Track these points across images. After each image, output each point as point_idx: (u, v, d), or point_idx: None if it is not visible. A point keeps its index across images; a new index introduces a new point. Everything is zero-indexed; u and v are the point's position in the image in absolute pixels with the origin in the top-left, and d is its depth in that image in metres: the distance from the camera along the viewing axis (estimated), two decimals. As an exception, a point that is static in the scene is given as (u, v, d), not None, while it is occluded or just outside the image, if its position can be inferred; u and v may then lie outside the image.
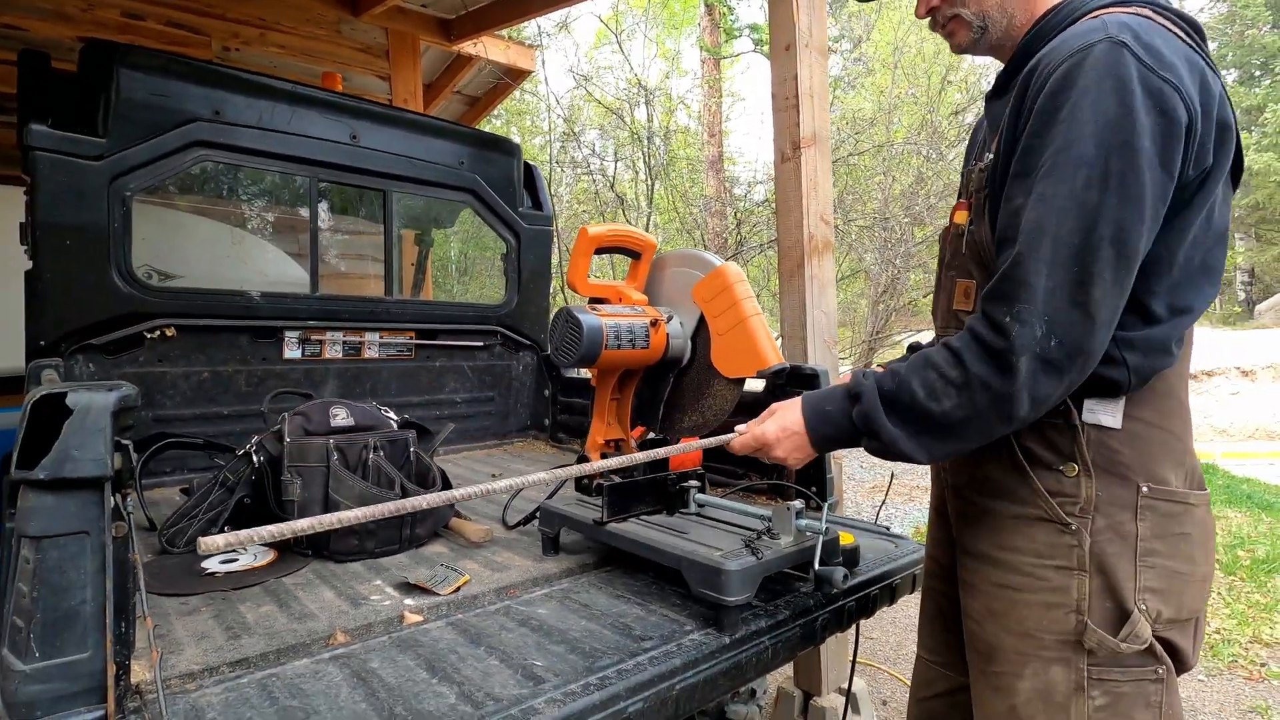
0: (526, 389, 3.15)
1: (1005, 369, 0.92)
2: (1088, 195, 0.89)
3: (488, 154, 2.98)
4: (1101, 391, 0.99)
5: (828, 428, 1.09)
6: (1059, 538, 1.01)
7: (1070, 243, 0.90)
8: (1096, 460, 1.00)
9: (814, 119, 2.48)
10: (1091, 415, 1.01)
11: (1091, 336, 0.90)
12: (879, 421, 1.01)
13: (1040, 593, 1.02)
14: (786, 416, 1.13)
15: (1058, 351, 0.90)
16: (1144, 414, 1.01)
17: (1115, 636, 0.98)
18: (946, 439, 0.99)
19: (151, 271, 2.89)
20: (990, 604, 1.09)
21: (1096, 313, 0.90)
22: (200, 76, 2.25)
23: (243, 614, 1.24)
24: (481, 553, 1.60)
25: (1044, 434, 1.04)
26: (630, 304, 1.64)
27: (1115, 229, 0.88)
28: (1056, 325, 0.90)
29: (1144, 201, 0.88)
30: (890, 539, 1.74)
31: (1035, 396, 0.93)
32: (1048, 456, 1.03)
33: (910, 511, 5.71)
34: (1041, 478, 1.04)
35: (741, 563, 1.18)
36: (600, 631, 1.18)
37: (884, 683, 3.05)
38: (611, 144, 9.53)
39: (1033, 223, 0.93)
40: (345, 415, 1.70)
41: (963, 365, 0.95)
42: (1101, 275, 0.89)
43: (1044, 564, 1.02)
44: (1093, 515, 1.00)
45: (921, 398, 0.98)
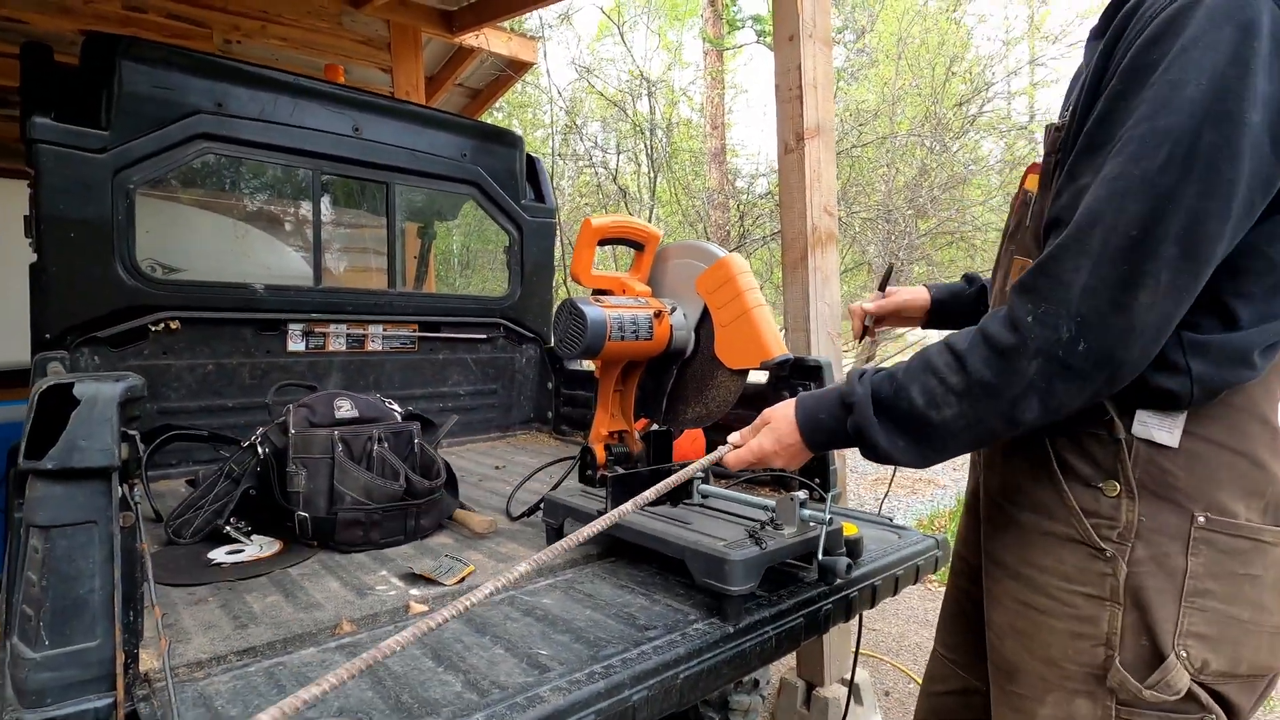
0: (530, 381, 3.15)
1: (1009, 371, 0.81)
2: (1163, 178, 0.73)
3: (490, 146, 2.97)
4: (1157, 403, 0.85)
5: (822, 435, 1.01)
6: (1091, 563, 0.90)
7: (1127, 235, 0.75)
8: (1144, 481, 0.87)
9: (818, 110, 2.47)
10: (1143, 429, 0.87)
11: (1127, 346, 0.76)
12: (874, 433, 0.92)
13: (1067, 620, 0.92)
14: (781, 427, 1.05)
15: (1083, 358, 0.77)
16: (1211, 432, 0.86)
17: (1143, 681, 0.86)
18: (947, 447, 0.90)
19: (156, 265, 2.90)
20: (1014, 621, 0.99)
21: (1138, 320, 0.75)
22: (203, 69, 2.25)
23: (249, 604, 1.24)
24: (486, 544, 1.61)
25: (1083, 444, 0.92)
26: (634, 295, 1.64)
27: (1187, 223, 0.73)
28: (1088, 328, 0.77)
29: (1235, 191, 0.72)
30: (894, 530, 1.74)
31: (1048, 404, 0.81)
32: (1086, 471, 0.91)
33: (913, 504, 5.72)
34: (1077, 494, 0.91)
35: (745, 553, 1.18)
36: (605, 621, 1.19)
37: (886, 674, 3.06)
38: (614, 137, 9.51)
39: (1090, 208, 0.79)
40: (350, 407, 1.70)
41: (965, 371, 0.84)
42: (1155, 276, 0.74)
43: (1073, 589, 0.91)
44: (1133, 543, 0.87)
45: (921, 406, 0.88)
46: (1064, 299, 0.78)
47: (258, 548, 1.53)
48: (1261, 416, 0.88)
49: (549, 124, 8.93)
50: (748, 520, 1.38)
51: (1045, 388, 0.80)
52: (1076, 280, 0.78)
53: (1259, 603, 0.86)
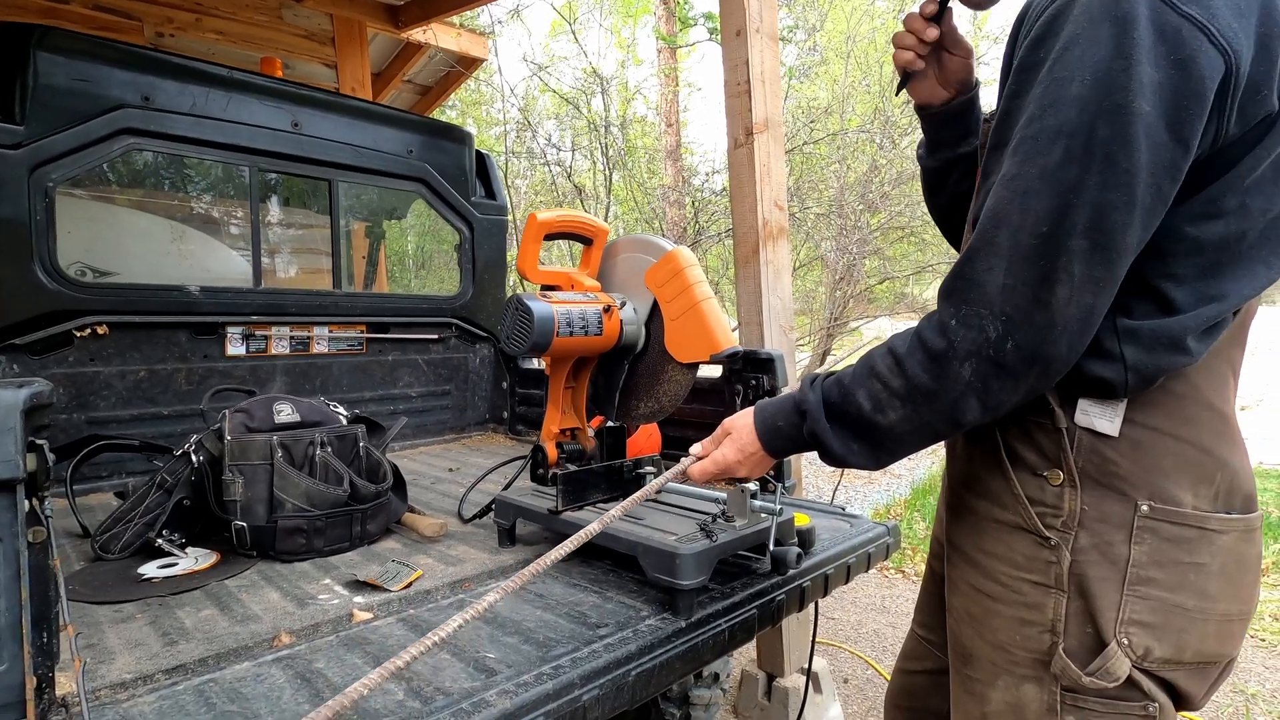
0: (484, 381, 3.10)
1: (943, 375, 0.82)
2: (1064, 174, 0.75)
3: (438, 142, 2.91)
4: (1095, 391, 0.86)
5: (781, 441, 1.02)
6: (1038, 551, 0.91)
7: (1037, 232, 0.76)
8: (1087, 470, 0.88)
9: (766, 104, 2.49)
10: (1084, 418, 0.87)
11: (1054, 342, 0.77)
12: (828, 438, 0.93)
13: (1015, 606, 0.93)
14: (742, 437, 1.05)
15: (1014, 356, 0.78)
16: (1154, 420, 0.86)
17: (1084, 668, 0.87)
18: (897, 449, 0.91)
19: (86, 269, 2.76)
20: (968, 606, 1.00)
21: (1060, 315, 0.76)
22: (127, 61, 2.15)
23: (180, 619, 1.19)
24: (436, 547, 1.57)
25: (1029, 433, 0.92)
26: (583, 290, 1.62)
27: (1093, 215, 0.74)
28: (1014, 326, 0.78)
29: (1136, 180, 0.73)
30: (846, 519, 1.76)
31: (986, 403, 0.83)
32: (1031, 459, 0.92)
33: (870, 494, 5.83)
34: (1024, 482, 0.92)
35: (696, 546, 1.17)
36: (555, 621, 1.16)
37: (845, 662, 3.10)
38: (569, 134, 9.45)
39: (993, 209, 0.80)
40: (290, 411, 1.64)
41: (904, 374, 0.85)
42: (1068, 271, 0.75)
43: (1021, 577, 0.92)
44: (1076, 531, 0.88)
45: (868, 411, 0.89)
46: (983, 299, 0.79)
47: (192, 560, 1.46)
48: (1206, 402, 0.87)
49: (502, 122, 8.82)
50: (700, 514, 1.37)
51: (982, 388, 0.81)
52: (991, 280, 0.79)
53: (1204, 591, 0.86)
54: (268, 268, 2.51)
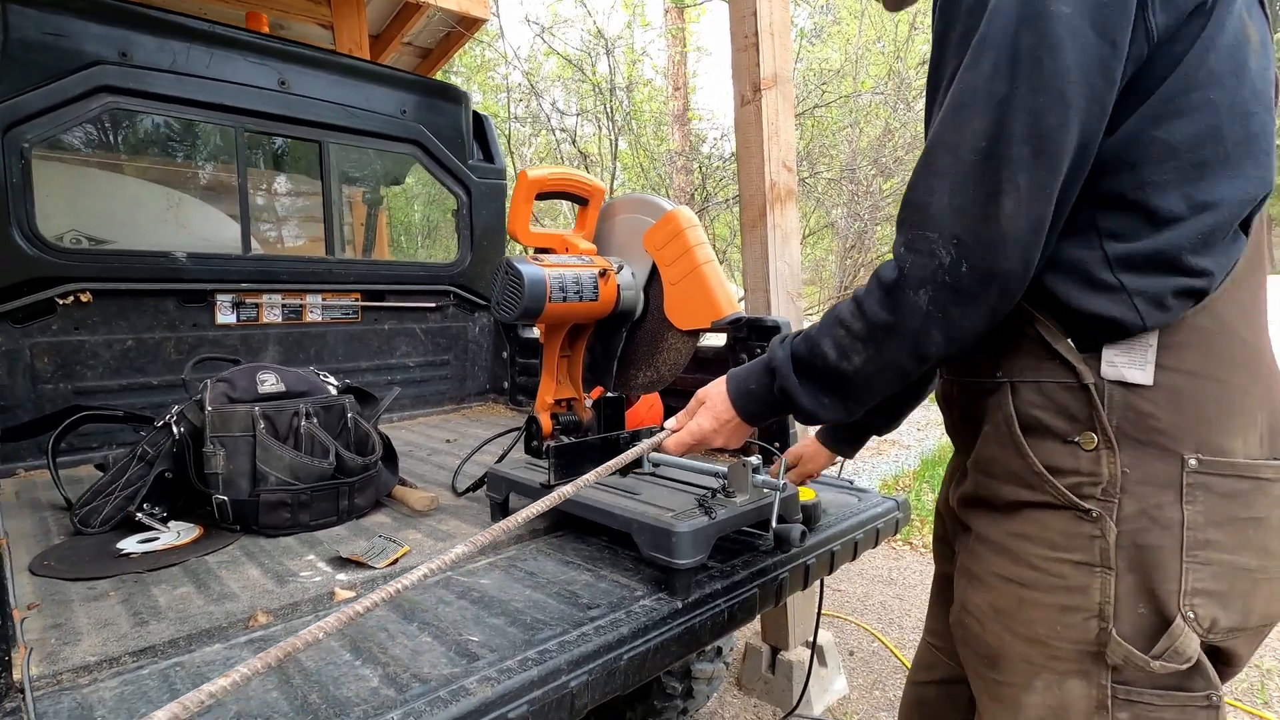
0: (483, 351, 3.03)
1: (898, 306, 0.80)
2: (994, 86, 0.73)
3: (433, 102, 2.80)
4: (1112, 334, 0.79)
5: (755, 405, 0.98)
6: (1077, 526, 0.82)
7: (975, 147, 0.74)
8: (1123, 428, 0.79)
9: (775, 59, 2.36)
10: (1112, 369, 0.80)
11: (1007, 256, 0.75)
12: (798, 394, 0.90)
13: (1054, 593, 0.83)
14: (716, 405, 1.02)
15: (969, 279, 0.76)
16: (1188, 362, 0.78)
17: (1148, 652, 0.78)
18: (865, 394, 0.88)
19: (81, 237, 2.69)
20: (995, 600, 0.89)
21: (1009, 228, 0.74)
22: (103, 14, 2.05)
23: (155, 597, 1.13)
24: (426, 522, 1.51)
25: (1053, 397, 0.83)
26: (577, 254, 1.53)
27: (1029, 121, 0.72)
28: (965, 247, 0.75)
29: (1066, 82, 0.71)
30: (854, 493, 1.69)
31: (950, 333, 0.79)
32: (1058, 425, 0.83)
33: (879, 465, 5.77)
34: (1051, 453, 0.84)
35: (693, 523, 1.10)
36: (545, 601, 1.11)
37: (851, 634, 3.07)
38: (574, 99, 9.23)
39: (934, 134, 0.79)
40: (274, 381, 1.58)
41: (864, 314, 0.84)
42: (1013, 181, 0.73)
43: (1059, 558, 0.83)
44: (1119, 498, 0.79)
45: (834, 360, 0.87)
46: (929, 222, 0.77)
47: (174, 535, 1.41)
48: (1239, 337, 0.80)
49: (504, 86, 8.62)
50: (700, 488, 1.31)
51: (942, 316, 0.78)
52: (934, 202, 0.77)
53: (1266, 547, 0.79)
54: (268, 236, 2.43)
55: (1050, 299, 0.81)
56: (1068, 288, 0.80)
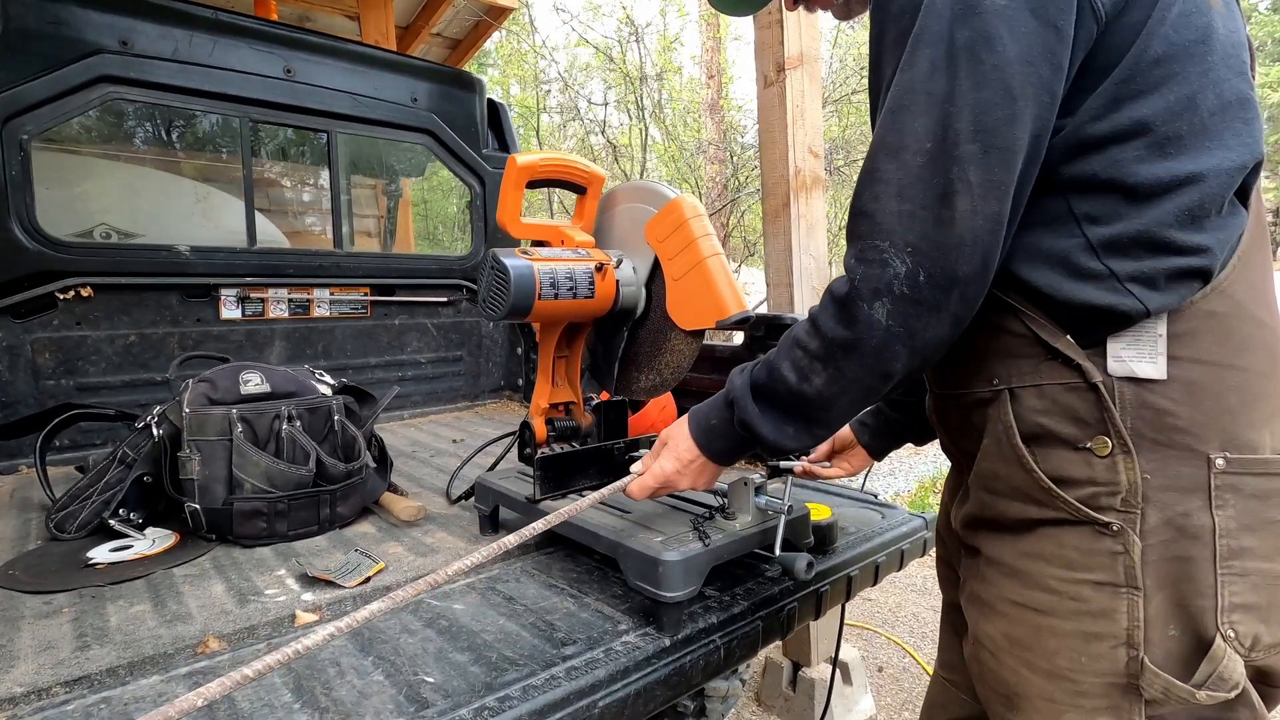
0: (498, 347, 2.94)
1: (854, 320, 0.74)
2: (934, 85, 0.70)
3: (446, 89, 2.71)
4: (1114, 325, 0.72)
5: (719, 442, 0.90)
6: (1095, 542, 0.73)
7: (921, 150, 0.70)
8: (1139, 428, 0.72)
9: (800, 37, 2.20)
10: (1120, 365, 0.72)
11: (966, 260, 0.69)
12: (758, 425, 0.83)
13: (1075, 618, 0.74)
14: (679, 445, 0.94)
15: (928, 288, 0.70)
16: (1204, 350, 0.71)
17: (1189, 681, 0.69)
18: (831, 418, 0.81)
19: (111, 231, 2.68)
20: (1010, 630, 0.80)
21: (966, 230, 0.69)
22: (103, 2, 2.00)
23: (108, 616, 1.06)
24: (412, 533, 1.42)
25: (1056, 400, 0.75)
26: (573, 246, 1.41)
27: (974, 116, 0.68)
28: (921, 255, 0.70)
29: (1007, 72, 0.68)
30: (877, 508, 1.54)
31: (913, 346, 0.73)
32: (1067, 431, 0.75)
33: (915, 465, 5.53)
34: (1058, 463, 0.75)
35: (684, 551, 0.98)
36: (518, 634, 1.00)
37: (880, 648, 2.90)
38: (603, 89, 9.09)
39: (875, 140, 0.75)
40: (259, 381, 1.50)
41: (819, 332, 0.77)
42: (964, 180, 0.69)
43: (1078, 579, 0.74)
44: (1141, 508, 0.71)
45: (794, 383, 0.80)
46: (877, 230, 0.72)
47: (149, 543, 1.34)
48: (1255, 318, 0.73)
49: (534, 77, 8.52)
50: (701, 506, 1.18)
51: (903, 329, 0.73)
52: (881, 209, 0.72)
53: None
54: (292, 227, 2.37)
55: (1036, 294, 0.75)
56: (1052, 280, 0.74)
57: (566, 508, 0.96)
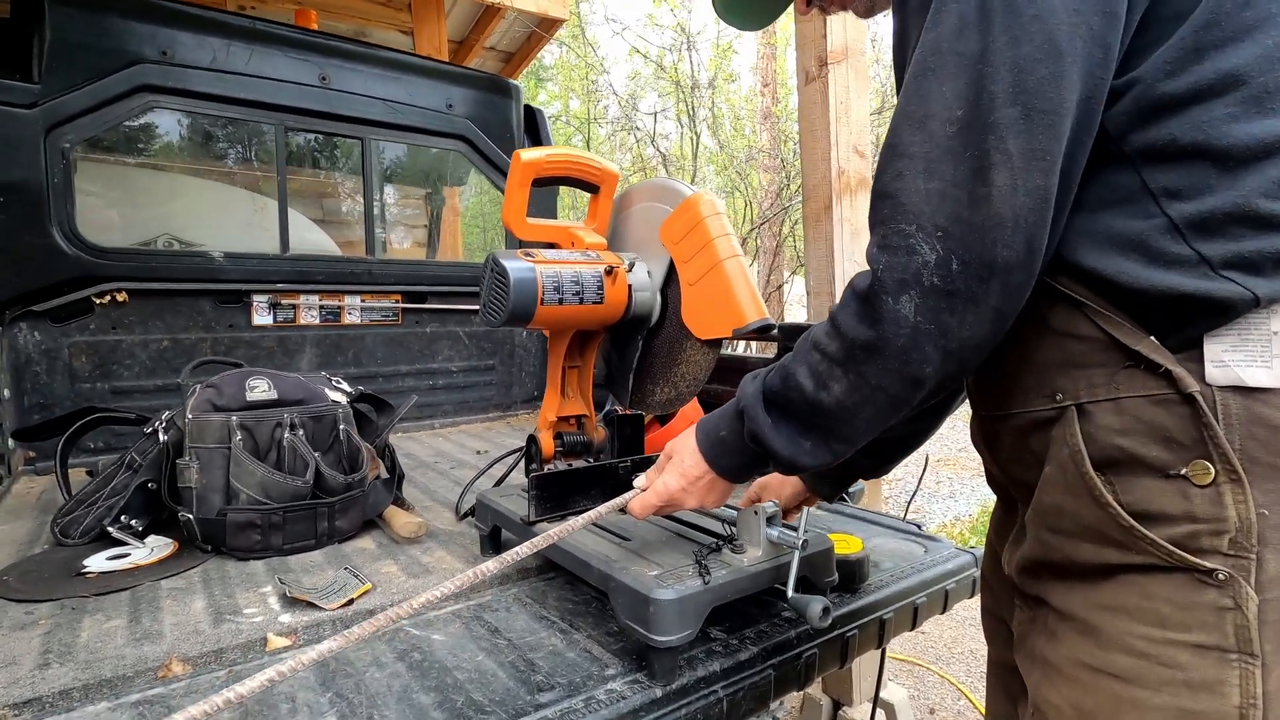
0: (531, 356, 2.88)
1: (878, 318, 0.64)
2: (964, 43, 0.60)
3: (481, 95, 2.68)
4: (1212, 318, 0.59)
5: (729, 457, 0.82)
6: (1196, 594, 0.60)
7: (950, 118, 0.60)
8: (1250, 450, 0.58)
9: (845, 29, 2.06)
10: (1221, 370, 0.59)
11: (1006, 244, 0.59)
12: (770, 439, 0.74)
13: (1169, 689, 0.60)
14: (685, 460, 0.87)
15: (963, 278, 0.60)
16: None
17: None
18: (853, 432, 0.70)
19: (173, 241, 2.75)
20: (1081, 701, 0.66)
21: (1006, 208, 0.58)
22: (144, 13, 2.04)
23: (79, 632, 1.02)
24: (411, 551, 1.34)
25: (1139, 416, 0.62)
26: (582, 248, 1.32)
27: (1012, 79, 0.58)
28: (953, 240, 0.60)
29: (1053, 25, 0.57)
30: (920, 541, 1.38)
31: (947, 347, 0.63)
32: (1154, 455, 0.61)
33: (977, 489, 5.20)
34: (1144, 495, 0.62)
35: (680, 589, 0.86)
36: (493, 673, 0.90)
37: (933, 686, 2.68)
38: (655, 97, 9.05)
39: (897, 112, 0.65)
40: (266, 388, 1.46)
41: (839, 333, 0.68)
42: (1003, 151, 0.58)
43: (1172, 639, 0.60)
44: (1257, 551, 0.58)
45: (810, 390, 0.70)
46: (903, 213, 0.62)
47: (147, 551, 1.31)
48: None
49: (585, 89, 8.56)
50: (710, 535, 1.06)
51: (935, 329, 0.62)
52: (904, 187, 0.62)
53: None
54: (348, 239, 2.35)
55: (1107, 286, 0.62)
56: (1126, 268, 0.61)
57: (557, 528, 0.86)
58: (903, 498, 4.65)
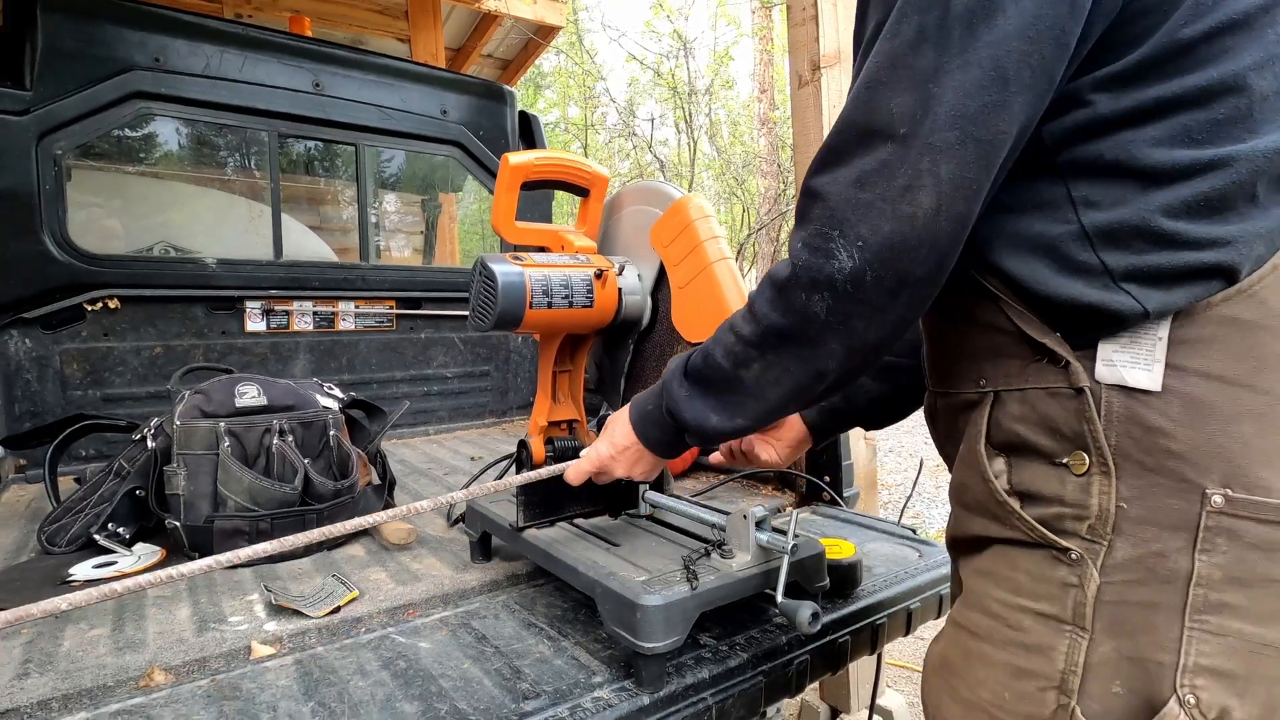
0: (526, 362, 2.87)
1: (790, 308, 0.67)
2: (919, 58, 0.58)
3: (475, 101, 2.68)
4: (1107, 326, 0.62)
5: (655, 430, 0.86)
6: (1050, 569, 0.65)
7: (894, 133, 0.60)
8: (1125, 447, 0.61)
9: (839, 32, 2.06)
10: (1109, 370, 0.62)
11: (919, 263, 0.61)
12: (683, 411, 0.79)
13: (1008, 648, 0.67)
14: (616, 430, 0.91)
15: (875, 289, 0.62)
16: (1213, 363, 0.59)
17: None
18: (761, 410, 0.75)
19: (170, 248, 2.75)
20: (945, 651, 0.75)
21: (929, 230, 0.60)
22: (136, 20, 2.04)
23: (61, 640, 1.00)
24: (400, 558, 1.33)
25: (1036, 407, 0.66)
26: (572, 251, 1.31)
27: (957, 101, 0.57)
28: (872, 252, 0.61)
29: (1003, 51, 0.56)
30: (914, 545, 1.37)
31: (851, 345, 0.67)
32: (1045, 444, 0.66)
33: (977, 493, 5.16)
34: (1029, 478, 0.67)
35: (668, 595, 0.85)
36: (479, 681, 0.88)
37: (932, 693, 2.66)
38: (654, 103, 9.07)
39: (843, 115, 0.65)
40: (255, 394, 1.45)
41: (754, 317, 0.72)
42: (935, 174, 0.58)
43: (1021, 605, 0.66)
44: (1110, 539, 0.62)
45: (728, 369, 0.75)
46: (829, 216, 0.63)
47: (134, 559, 1.30)
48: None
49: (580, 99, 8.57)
50: (701, 541, 1.05)
51: (842, 326, 0.66)
52: (836, 193, 0.63)
53: None
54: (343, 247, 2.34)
55: (1022, 289, 0.65)
56: (1036, 272, 0.64)
57: (474, 485, 0.86)
58: (899, 502, 4.64)
